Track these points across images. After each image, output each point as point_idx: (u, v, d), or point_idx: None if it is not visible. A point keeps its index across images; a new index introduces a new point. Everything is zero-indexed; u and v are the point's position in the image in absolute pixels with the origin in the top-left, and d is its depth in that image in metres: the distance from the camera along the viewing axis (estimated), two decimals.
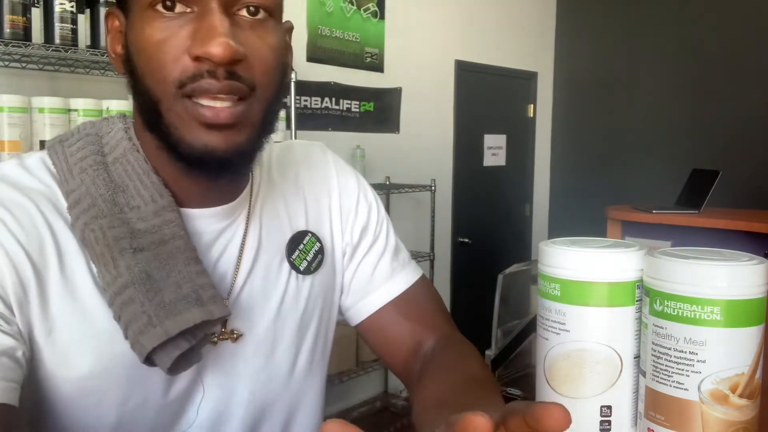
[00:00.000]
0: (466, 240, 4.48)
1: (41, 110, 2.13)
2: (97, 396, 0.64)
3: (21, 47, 2.06)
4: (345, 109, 3.63)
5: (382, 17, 3.80)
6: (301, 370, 0.77)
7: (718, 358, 0.68)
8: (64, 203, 0.64)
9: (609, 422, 0.78)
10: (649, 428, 0.74)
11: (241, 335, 0.70)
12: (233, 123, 0.60)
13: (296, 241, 0.76)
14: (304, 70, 3.26)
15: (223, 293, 0.69)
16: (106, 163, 0.65)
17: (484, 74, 4.53)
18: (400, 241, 0.86)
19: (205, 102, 0.59)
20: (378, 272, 0.82)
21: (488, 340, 2.57)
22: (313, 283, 0.77)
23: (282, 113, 2.86)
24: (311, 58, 3.42)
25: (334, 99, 3.56)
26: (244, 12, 0.60)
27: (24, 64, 2.26)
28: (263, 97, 0.62)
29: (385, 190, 3.69)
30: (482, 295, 3.53)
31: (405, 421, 3.74)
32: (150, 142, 0.65)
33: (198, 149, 0.60)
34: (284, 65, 0.65)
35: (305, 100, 3.41)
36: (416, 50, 4.02)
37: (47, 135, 2.13)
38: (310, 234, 0.77)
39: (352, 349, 3.38)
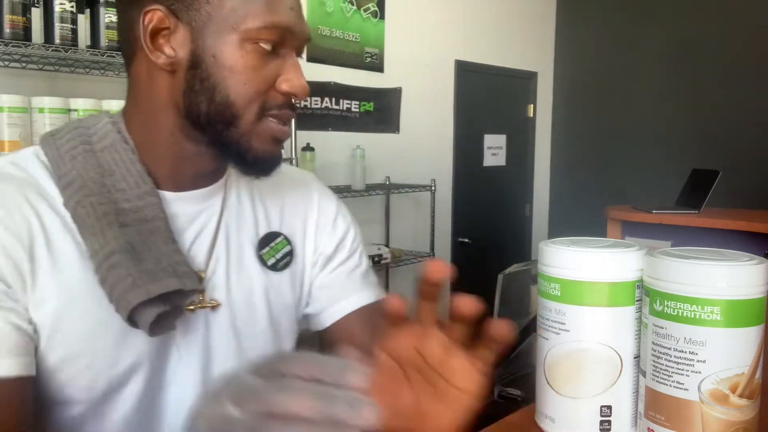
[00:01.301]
0: (466, 240, 4.48)
1: (41, 110, 2.12)
2: (86, 361, 0.70)
3: (21, 47, 2.06)
4: (345, 109, 3.63)
5: (382, 17, 3.80)
6: (264, 348, 0.84)
7: (718, 358, 0.68)
8: (48, 189, 0.72)
9: (609, 422, 0.78)
10: (649, 428, 0.74)
11: (219, 304, 0.78)
12: (287, 136, 0.76)
13: (268, 239, 0.84)
14: (304, 70, 3.25)
15: (200, 266, 0.78)
16: (94, 151, 0.74)
17: (484, 74, 4.53)
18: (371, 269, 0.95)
19: (279, 125, 0.75)
20: (350, 282, 0.90)
21: None
22: (281, 281, 0.85)
23: None
24: (311, 58, 3.42)
25: (334, 99, 3.56)
26: (298, 52, 0.77)
27: (24, 64, 2.26)
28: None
29: (385, 190, 3.69)
30: (482, 295, 3.53)
31: None
32: (160, 133, 0.74)
33: (265, 156, 0.74)
34: None
35: (305, 100, 3.41)
36: (416, 50, 4.02)
37: None
38: (282, 236, 0.86)
39: None
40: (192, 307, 0.77)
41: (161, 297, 0.69)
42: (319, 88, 3.47)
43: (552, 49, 5.16)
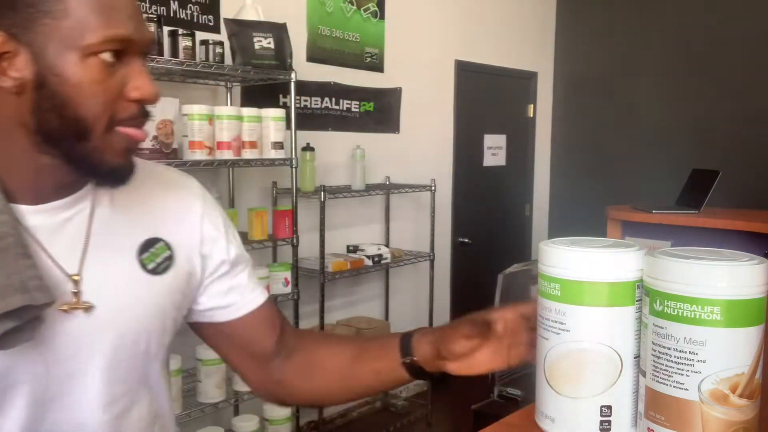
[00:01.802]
0: (466, 240, 4.48)
1: None
2: None
3: None
4: (345, 109, 3.63)
5: (382, 17, 3.80)
6: (150, 355, 0.88)
7: (718, 358, 0.68)
8: None
9: (609, 422, 0.78)
10: (649, 428, 0.74)
11: (92, 306, 0.80)
12: (138, 147, 0.78)
13: (149, 244, 0.87)
14: (304, 70, 3.26)
15: (73, 271, 0.80)
16: None
17: (484, 74, 4.53)
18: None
19: (132, 132, 0.76)
20: (251, 282, 0.99)
21: None
22: (162, 284, 0.87)
23: (282, 113, 2.86)
24: (311, 58, 3.42)
25: (334, 99, 3.56)
26: (143, 57, 0.77)
27: None
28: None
29: (385, 190, 3.69)
30: (482, 295, 3.53)
31: (405, 421, 3.74)
32: (10, 149, 0.75)
33: (118, 167, 0.77)
34: None
35: (305, 100, 3.41)
36: (416, 50, 4.02)
37: None
38: (163, 242, 0.88)
39: None
40: (65, 308, 0.78)
41: (10, 313, 0.70)
42: (319, 88, 3.47)
43: (552, 49, 5.16)
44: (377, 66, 3.79)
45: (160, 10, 2.73)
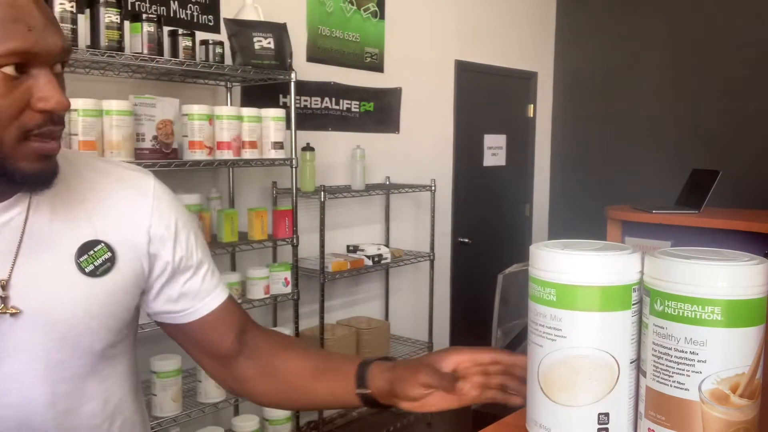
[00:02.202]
0: (466, 240, 4.48)
1: None
2: None
3: None
4: (345, 109, 3.63)
5: (382, 17, 3.80)
6: (96, 354, 0.89)
7: (718, 358, 0.68)
8: None
9: (606, 430, 0.77)
10: (649, 428, 0.74)
11: (19, 311, 0.81)
12: (56, 154, 0.79)
13: (87, 246, 0.87)
14: (304, 70, 3.26)
15: (2, 276, 0.82)
16: None
17: (484, 74, 4.53)
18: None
19: (44, 142, 0.77)
20: (205, 286, 0.99)
21: (488, 340, 2.57)
22: (102, 286, 0.88)
23: (282, 113, 2.86)
24: (311, 58, 3.42)
25: (334, 99, 3.56)
26: (58, 67, 0.78)
27: None
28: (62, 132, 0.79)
29: (385, 190, 3.69)
30: (482, 295, 3.53)
31: (405, 421, 3.74)
32: None
33: (34, 173, 0.77)
34: None
35: (305, 100, 3.41)
36: (416, 50, 4.02)
37: None
38: (103, 243, 0.88)
39: (353, 350, 3.38)
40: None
41: None
42: (319, 88, 3.47)
43: (552, 49, 5.16)
44: (377, 66, 3.79)
45: (160, 10, 2.74)
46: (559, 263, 0.77)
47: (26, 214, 0.83)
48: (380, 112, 3.83)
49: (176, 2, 2.81)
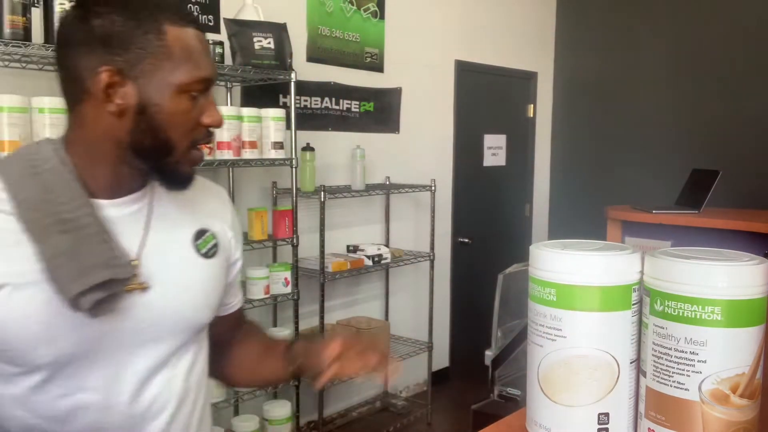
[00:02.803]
0: (466, 240, 4.48)
1: (41, 110, 2.12)
2: (40, 338, 0.90)
3: (21, 47, 2.06)
4: (345, 109, 3.63)
5: (382, 17, 3.80)
6: (204, 321, 1.07)
7: (718, 358, 0.68)
8: (8, 209, 0.91)
9: (606, 430, 0.77)
10: (649, 428, 0.74)
11: (148, 286, 0.96)
12: (202, 158, 0.98)
13: (201, 233, 1.06)
14: (304, 70, 3.26)
15: (133, 255, 0.96)
16: (39, 173, 0.93)
17: (484, 74, 4.53)
18: None
19: (200, 151, 0.97)
20: (236, 287, 1.20)
21: (488, 340, 2.56)
22: (215, 267, 1.07)
23: (282, 113, 2.86)
24: (311, 58, 3.42)
25: (334, 99, 3.56)
26: (212, 90, 0.97)
27: (24, 64, 2.26)
28: None
29: (385, 190, 3.69)
30: (482, 295, 3.52)
31: (405, 421, 3.74)
32: (97, 158, 0.94)
33: (188, 176, 0.98)
34: None
35: (305, 100, 3.41)
36: (416, 50, 4.02)
37: (47, 135, 2.13)
38: (209, 232, 1.07)
39: None
40: (130, 287, 0.94)
41: (99, 286, 0.88)
42: (319, 88, 3.47)
43: (552, 49, 5.16)
44: (377, 66, 3.79)
45: None
46: (559, 263, 0.77)
47: (149, 206, 1.00)
48: (380, 112, 3.83)
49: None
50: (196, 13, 2.89)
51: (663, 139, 4.56)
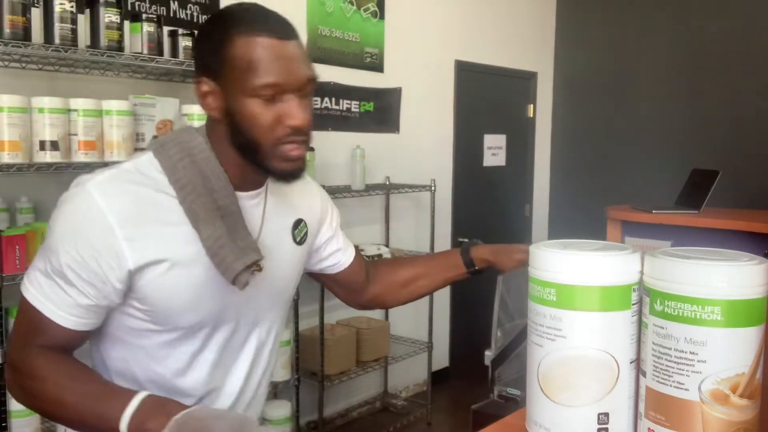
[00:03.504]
0: (466, 240, 4.47)
1: (41, 110, 2.12)
2: (190, 305, 1.06)
3: (21, 47, 2.06)
4: (345, 109, 3.63)
5: (382, 17, 3.80)
6: (288, 298, 1.27)
7: (718, 358, 0.68)
8: (168, 190, 1.04)
9: (606, 430, 0.77)
10: (649, 428, 0.74)
11: (262, 268, 1.09)
12: (302, 157, 1.07)
13: (297, 223, 1.23)
14: None
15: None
16: (196, 161, 1.06)
17: (484, 74, 4.53)
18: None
19: (291, 148, 1.04)
20: (345, 242, 1.41)
21: (488, 340, 2.55)
22: (302, 252, 1.25)
23: None
24: (311, 58, 3.41)
25: (334, 99, 3.56)
26: (305, 92, 1.04)
27: (24, 64, 2.26)
28: (309, 142, 1.08)
29: (385, 190, 3.69)
30: (482, 295, 3.52)
31: (405, 421, 3.74)
32: (227, 153, 1.07)
33: (284, 171, 1.06)
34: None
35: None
36: (416, 50, 4.02)
37: (47, 135, 2.13)
38: (304, 221, 1.24)
39: (353, 349, 3.38)
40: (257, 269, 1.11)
41: (251, 265, 1.04)
42: (319, 88, 3.47)
43: (552, 49, 5.16)
44: (377, 66, 3.79)
45: (160, 10, 2.73)
46: (559, 263, 0.77)
47: (264, 200, 1.15)
48: (380, 112, 3.83)
49: (176, 2, 2.81)
50: (195, 14, 2.89)
51: (663, 139, 4.56)
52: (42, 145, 2.13)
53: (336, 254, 1.37)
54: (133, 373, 1.10)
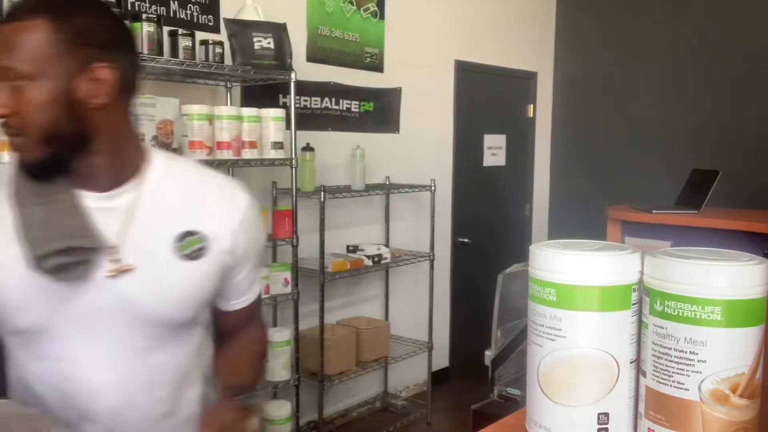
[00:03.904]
0: (466, 240, 4.48)
1: None
2: (15, 302, 1.00)
3: None
4: (345, 109, 3.63)
5: (382, 17, 3.80)
6: (172, 319, 1.08)
7: (718, 358, 0.68)
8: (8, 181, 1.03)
9: (606, 430, 0.77)
10: (649, 428, 0.74)
11: (134, 267, 1.02)
12: (18, 149, 1.00)
13: (185, 234, 1.07)
14: (303, 70, 3.26)
15: (110, 241, 1.02)
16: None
17: (484, 74, 4.53)
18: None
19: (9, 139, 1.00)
20: (242, 290, 1.22)
21: (488, 340, 2.56)
22: (194, 268, 1.07)
23: (282, 113, 2.86)
24: (311, 58, 3.42)
25: (334, 99, 3.56)
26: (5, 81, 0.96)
27: None
28: (36, 133, 0.96)
29: (385, 190, 3.69)
30: (482, 295, 3.52)
31: (405, 421, 3.74)
32: None
33: (22, 165, 1.02)
34: (60, 104, 0.96)
35: (305, 100, 3.41)
36: (416, 50, 4.02)
37: None
38: (198, 234, 1.08)
39: (352, 350, 3.38)
40: (114, 273, 1.01)
41: (66, 251, 0.96)
42: (318, 88, 3.47)
43: (552, 49, 5.15)
44: (377, 66, 3.79)
45: (160, 10, 2.73)
46: (559, 263, 0.77)
47: (134, 203, 1.04)
48: (380, 112, 3.83)
49: (176, 2, 2.81)
50: (195, 14, 2.89)
51: (663, 139, 4.56)
52: None
53: (232, 292, 1.20)
54: (24, 380, 1.09)
